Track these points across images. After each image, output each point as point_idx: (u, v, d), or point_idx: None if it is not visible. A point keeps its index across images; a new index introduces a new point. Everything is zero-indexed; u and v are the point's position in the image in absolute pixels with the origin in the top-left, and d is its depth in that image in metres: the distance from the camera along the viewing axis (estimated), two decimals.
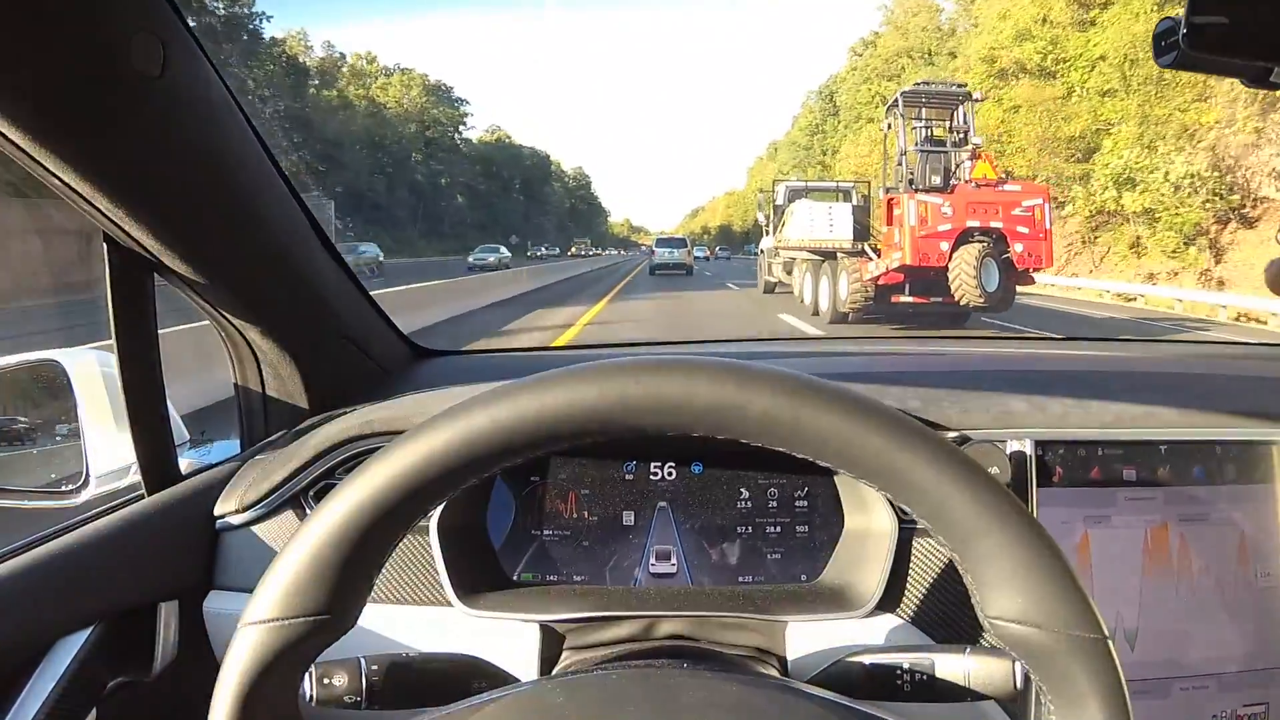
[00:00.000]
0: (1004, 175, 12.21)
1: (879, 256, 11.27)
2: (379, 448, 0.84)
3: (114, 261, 0.74)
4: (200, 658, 0.81)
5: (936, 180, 11.27)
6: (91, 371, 0.88)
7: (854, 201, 14.13)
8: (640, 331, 11.01)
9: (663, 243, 26.67)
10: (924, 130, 12.00)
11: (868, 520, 0.81)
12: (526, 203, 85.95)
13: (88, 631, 0.71)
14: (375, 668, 0.63)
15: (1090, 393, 0.92)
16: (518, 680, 0.69)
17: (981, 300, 10.11)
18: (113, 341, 0.77)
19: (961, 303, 10.26)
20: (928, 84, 13.42)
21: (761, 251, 17.18)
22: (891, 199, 11.42)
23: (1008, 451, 0.83)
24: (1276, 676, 0.84)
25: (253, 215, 0.78)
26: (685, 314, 13.73)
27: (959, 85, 13.26)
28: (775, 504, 0.84)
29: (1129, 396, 0.91)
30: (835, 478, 0.83)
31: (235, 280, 0.81)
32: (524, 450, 0.43)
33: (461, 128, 75.89)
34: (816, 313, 12.19)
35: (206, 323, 0.89)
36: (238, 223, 0.77)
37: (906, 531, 0.80)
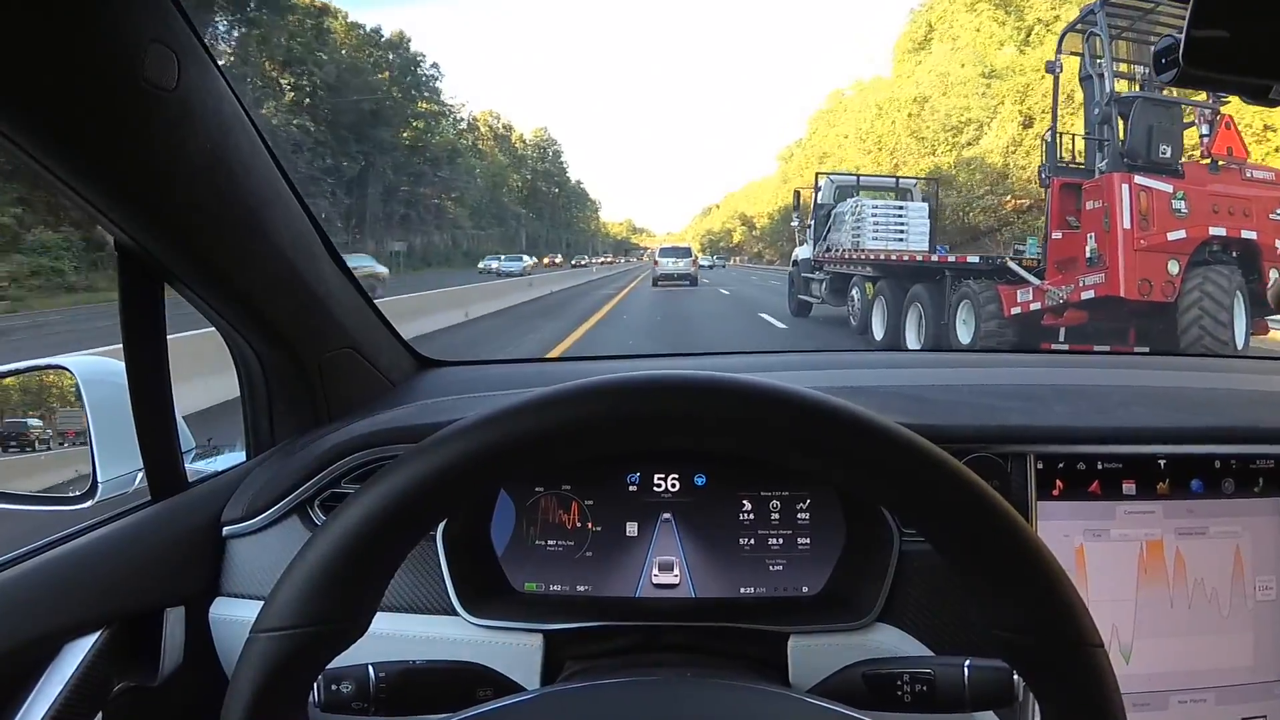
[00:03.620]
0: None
1: (1043, 279, 7.05)
2: (385, 457, 0.86)
3: (125, 270, 0.74)
4: (205, 664, 0.82)
5: (1166, 153, 6.62)
6: (101, 378, 0.88)
7: (915, 201, 10.83)
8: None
9: (666, 252, 26.18)
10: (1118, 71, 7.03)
11: (869, 532, 0.82)
12: (364, 150, 38.63)
13: (95, 636, 0.72)
14: (383, 675, 0.64)
15: (1091, 407, 0.93)
16: (522, 688, 0.69)
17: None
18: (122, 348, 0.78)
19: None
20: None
21: (795, 264, 12.93)
22: (1077, 185, 6.97)
23: (1008, 465, 0.84)
24: (1275, 689, 0.85)
25: (261, 227, 0.79)
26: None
27: None
28: (777, 516, 0.84)
29: (1129, 411, 0.92)
30: (837, 489, 0.84)
31: (243, 290, 0.82)
32: (539, 461, 0.44)
33: None
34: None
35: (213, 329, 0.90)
36: (247, 234, 0.78)
37: (907, 543, 0.81)
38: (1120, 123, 6.80)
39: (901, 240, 9.61)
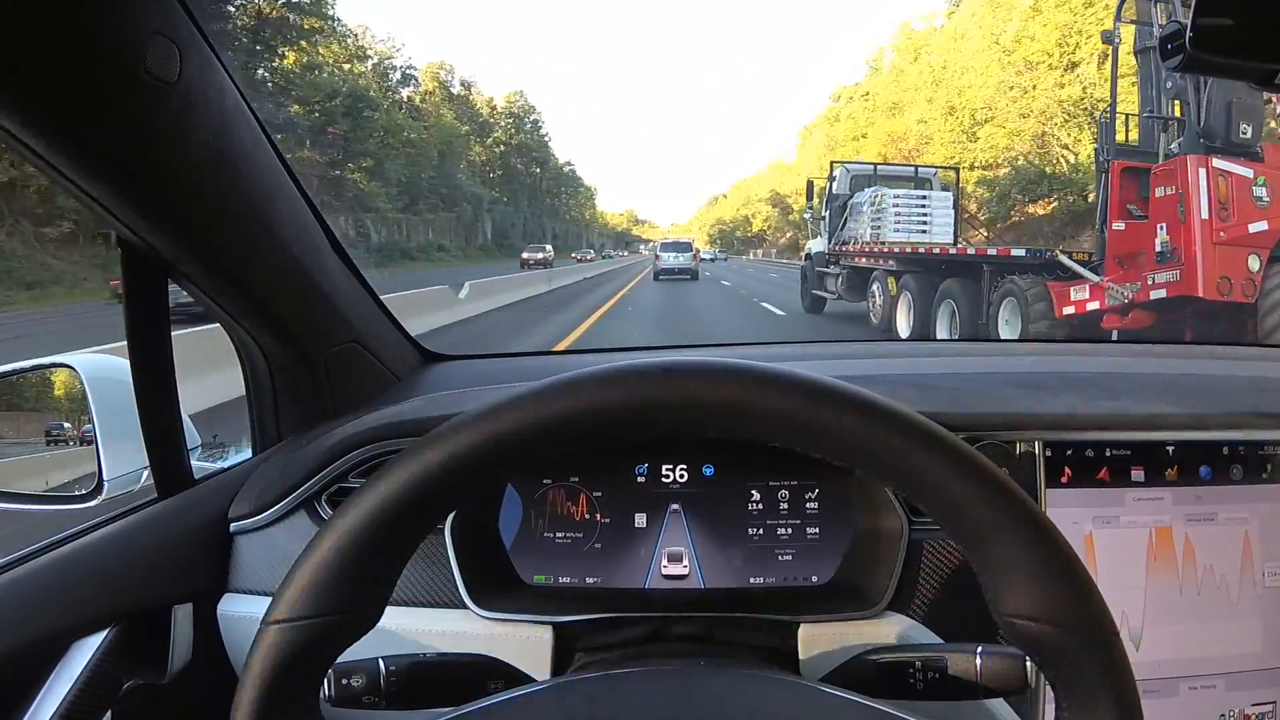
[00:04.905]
0: None
1: (1101, 275, 6.30)
2: (392, 451, 0.85)
3: (128, 265, 0.74)
4: (214, 660, 0.82)
5: (1246, 133, 5.85)
6: (105, 375, 0.88)
7: (936, 190, 10.19)
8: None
9: (668, 246, 26.08)
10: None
11: (878, 521, 0.82)
12: None
13: (104, 634, 0.72)
14: (393, 668, 0.64)
15: (1099, 394, 0.92)
16: (533, 680, 0.69)
17: None
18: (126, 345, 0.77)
19: None
20: None
21: (808, 257, 12.16)
22: (1143, 169, 6.26)
23: (1017, 452, 0.84)
24: None
25: (265, 220, 0.78)
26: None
27: None
28: (786, 506, 0.84)
29: (1137, 397, 0.92)
30: (845, 479, 0.84)
31: (248, 284, 0.82)
32: (547, 450, 0.44)
33: None
34: None
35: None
36: (250, 228, 0.77)
37: (917, 532, 0.81)
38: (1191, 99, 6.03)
39: (925, 232, 9.04)
